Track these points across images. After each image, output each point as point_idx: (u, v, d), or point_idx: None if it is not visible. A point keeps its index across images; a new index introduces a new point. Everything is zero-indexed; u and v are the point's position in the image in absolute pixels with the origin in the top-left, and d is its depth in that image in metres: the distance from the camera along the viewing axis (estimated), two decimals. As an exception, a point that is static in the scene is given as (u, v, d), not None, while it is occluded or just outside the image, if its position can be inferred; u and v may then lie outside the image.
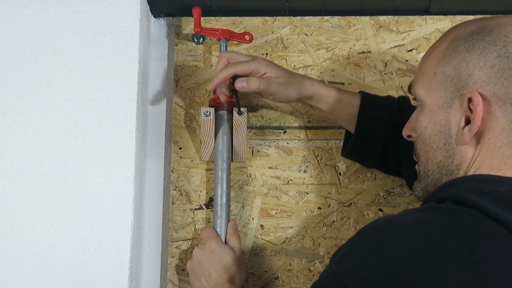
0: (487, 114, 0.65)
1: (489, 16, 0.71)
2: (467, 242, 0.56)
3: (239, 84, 0.86)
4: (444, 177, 0.70)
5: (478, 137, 0.66)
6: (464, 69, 0.67)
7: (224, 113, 0.93)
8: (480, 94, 0.65)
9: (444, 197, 0.64)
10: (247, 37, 0.99)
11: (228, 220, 0.92)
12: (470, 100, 0.65)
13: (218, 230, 0.91)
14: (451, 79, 0.68)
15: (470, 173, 0.67)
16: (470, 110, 0.66)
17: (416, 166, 0.75)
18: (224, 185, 0.92)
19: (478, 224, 0.58)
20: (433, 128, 0.70)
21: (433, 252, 0.56)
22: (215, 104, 0.93)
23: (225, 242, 0.90)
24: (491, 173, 0.65)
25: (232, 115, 0.93)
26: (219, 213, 0.92)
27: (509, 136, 0.65)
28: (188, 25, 1.03)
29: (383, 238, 0.58)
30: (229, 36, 0.97)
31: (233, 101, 0.93)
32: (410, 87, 0.75)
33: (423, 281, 0.54)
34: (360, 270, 0.57)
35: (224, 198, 0.92)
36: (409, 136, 0.77)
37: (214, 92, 0.95)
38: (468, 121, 0.66)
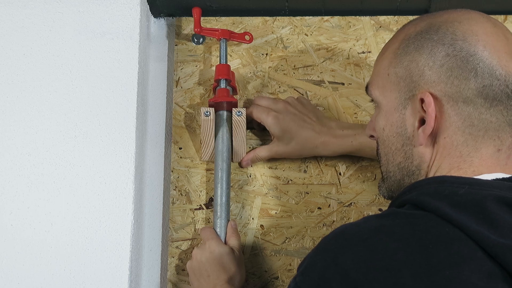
0: (440, 114, 0.65)
1: (438, 12, 0.70)
2: (423, 249, 0.55)
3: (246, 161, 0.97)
4: (406, 177, 0.70)
5: (434, 137, 0.66)
6: (415, 70, 0.66)
7: (223, 113, 0.93)
8: (431, 94, 0.64)
9: (405, 201, 0.64)
10: (247, 37, 0.99)
11: (228, 220, 0.92)
12: (422, 100, 0.65)
13: (217, 230, 0.91)
14: (403, 79, 0.67)
15: (431, 173, 0.67)
16: (424, 110, 0.65)
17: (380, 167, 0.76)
18: (224, 185, 0.92)
19: (435, 229, 0.57)
20: (390, 129, 0.70)
21: (389, 261, 0.55)
22: (215, 104, 0.94)
23: (225, 242, 0.90)
24: (452, 172, 0.65)
25: (232, 115, 0.93)
26: (218, 213, 0.92)
27: (465, 134, 0.64)
28: (188, 25, 1.03)
29: (341, 250, 0.58)
30: (229, 36, 0.97)
31: (233, 101, 0.94)
32: (366, 88, 0.75)
33: None
34: (322, 284, 0.57)
35: (224, 198, 0.92)
36: (371, 136, 0.77)
37: (214, 92, 0.95)
38: (423, 122, 0.66)
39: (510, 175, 0.64)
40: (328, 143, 0.92)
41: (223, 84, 0.95)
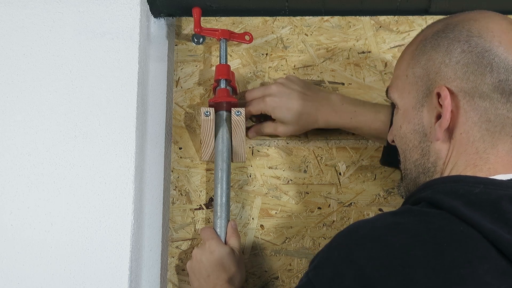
0: (457, 109, 0.65)
1: (455, 14, 0.71)
2: (437, 247, 0.56)
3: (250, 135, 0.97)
4: (421, 175, 0.70)
5: (451, 132, 0.66)
6: (432, 68, 0.67)
7: (223, 113, 0.93)
8: (448, 89, 0.65)
9: (420, 199, 0.64)
10: (247, 37, 0.99)
11: (228, 220, 0.92)
12: (439, 95, 0.66)
13: (218, 230, 0.91)
14: (421, 79, 0.68)
15: (447, 170, 0.67)
16: (440, 105, 0.66)
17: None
18: (224, 185, 0.92)
19: (449, 227, 0.58)
20: (407, 127, 0.71)
21: (403, 258, 0.55)
22: (215, 104, 0.94)
23: (225, 242, 0.90)
24: (467, 170, 0.65)
25: (231, 115, 0.93)
26: (218, 213, 0.92)
27: (481, 130, 0.65)
28: (188, 25, 1.03)
29: (355, 246, 0.58)
30: (229, 36, 0.97)
31: (232, 101, 0.93)
32: (386, 92, 0.76)
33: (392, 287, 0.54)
34: (335, 280, 0.57)
35: (224, 198, 0.92)
36: (393, 141, 0.77)
37: (214, 92, 0.95)
38: (439, 117, 0.67)
39: None
40: (329, 117, 0.91)
41: (223, 84, 0.95)
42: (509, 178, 0.63)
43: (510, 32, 0.65)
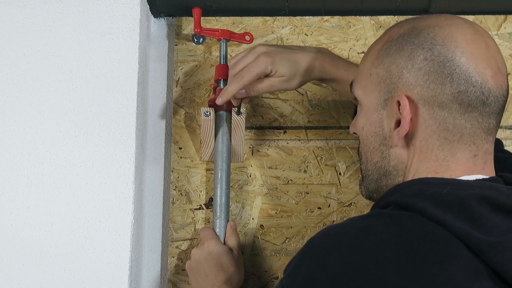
0: (416, 117, 0.65)
1: (423, 16, 0.71)
2: (409, 248, 0.56)
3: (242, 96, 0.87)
4: (383, 177, 0.70)
5: (410, 139, 0.66)
6: (395, 71, 0.67)
7: (223, 113, 0.93)
8: (408, 97, 0.65)
9: (389, 202, 0.64)
10: (247, 38, 0.99)
11: (227, 221, 0.92)
12: (399, 103, 0.66)
13: (217, 230, 0.91)
14: (384, 80, 0.68)
15: (410, 175, 0.67)
16: (400, 112, 0.66)
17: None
18: (224, 185, 0.92)
19: (420, 228, 0.58)
20: (369, 128, 0.71)
21: (375, 261, 0.55)
22: (215, 104, 0.93)
23: (224, 243, 0.90)
24: (429, 176, 0.65)
25: (231, 115, 0.93)
26: (218, 213, 0.92)
27: (440, 138, 0.65)
28: (188, 25, 1.03)
29: (327, 252, 0.58)
30: (229, 36, 0.97)
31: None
32: (350, 86, 0.75)
33: None
34: (308, 285, 0.57)
35: (223, 199, 0.92)
36: (355, 133, 0.77)
37: (214, 92, 0.95)
38: (399, 123, 0.66)
39: (489, 176, 0.65)
40: (325, 64, 0.88)
41: (222, 85, 0.94)
42: (474, 179, 0.64)
43: (473, 42, 0.64)
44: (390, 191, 0.67)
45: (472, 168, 0.65)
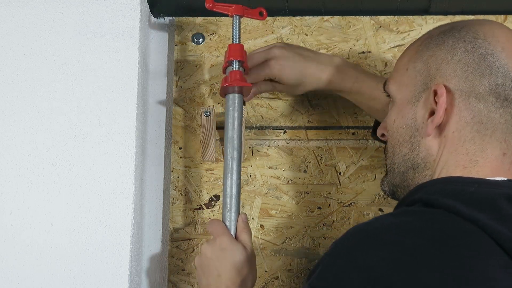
0: (451, 107, 0.66)
1: (465, 20, 0.73)
2: (440, 242, 0.56)
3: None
4: (410, 170, 0.70)
5: (442, 129, 0.67)
6: (433, 64, 0.68)
7: (234, 96, 0.85)
8: (445, 86, 0.66)
9: (414, 201, 0.64)
10: (261, 14, 0.92)
11: (238, 214, 0.84)
12: (435, 92, 0.66)
13: (227, 223, 0.83)
14: (421, 73, 0.69)
15: (438, 169, 0.67)
16: (436, 103, 0.66)
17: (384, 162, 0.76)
18: (234, 175, 0.84)
19: (449, 224, 0.58)
20: (400, 121, 0.71)
21: (407, 257, 0.55)
22: (226, 88, 0.87)
23: (235, 237, 0.83)
24: (457, 170, 0.65)
25: (243, 100, 0.87)
26: (228, 206, 0.84)
27: (473, 131, 0.65)
28: (188, 25, 1.03)
29: (359, 249, 0.58)
30: (242, 12, 0.90)
31: (246, 86, 0.86)
32: (384, 85, 0.76)
33: (401, 285, 0.54)
34: (341, 285, 0.56)
35: (234, 190, 0.84)
36: (383, 135, 0.77)
37: (225, 72, 0.89)
38: (433, 113, 0.67)
39: None
40: (332, 78, 0.89)
41: (236, 66, 0.86)
42: (499, 179, 0.64)
43: None
44: (414, 190, 0.67)
45: (499, 167, 0.65)
